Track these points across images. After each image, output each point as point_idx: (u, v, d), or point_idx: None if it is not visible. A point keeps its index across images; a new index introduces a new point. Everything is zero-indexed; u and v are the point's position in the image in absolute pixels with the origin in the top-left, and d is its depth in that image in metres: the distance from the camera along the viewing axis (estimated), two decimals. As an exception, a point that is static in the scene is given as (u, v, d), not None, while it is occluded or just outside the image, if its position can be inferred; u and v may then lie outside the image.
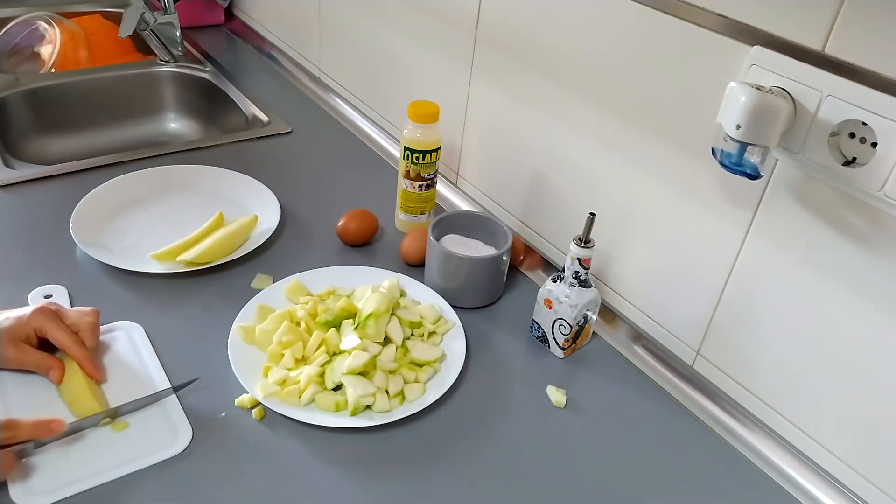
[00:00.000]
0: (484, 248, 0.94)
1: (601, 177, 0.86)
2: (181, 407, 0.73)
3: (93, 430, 0.69)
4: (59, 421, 0.66)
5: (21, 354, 0.72)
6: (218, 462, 0.68)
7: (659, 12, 0.73)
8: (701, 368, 0.82)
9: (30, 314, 0.73)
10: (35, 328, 0.73)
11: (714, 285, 0.77)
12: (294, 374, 0.76)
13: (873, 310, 0.64)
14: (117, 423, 0.70)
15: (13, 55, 1.49)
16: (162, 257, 0.90)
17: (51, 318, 0.73)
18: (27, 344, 0.73)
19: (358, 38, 1.27)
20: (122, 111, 1.43)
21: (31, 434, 0.65)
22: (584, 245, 0.79)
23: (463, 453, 0.72)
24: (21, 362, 0.73)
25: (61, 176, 1.07)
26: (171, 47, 1.44)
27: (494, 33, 0.95)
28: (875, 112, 0.57)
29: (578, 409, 0.78)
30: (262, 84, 1.44)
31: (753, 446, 0.75)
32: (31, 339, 0.73)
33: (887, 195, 0.58)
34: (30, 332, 0.73)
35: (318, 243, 1.00)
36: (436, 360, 0.80)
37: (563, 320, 0.82)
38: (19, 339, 0.73)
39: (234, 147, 1.21)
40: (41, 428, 0.66)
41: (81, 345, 0.74)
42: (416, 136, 0.95)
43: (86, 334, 0.75)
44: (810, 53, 0.61)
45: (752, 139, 0.61)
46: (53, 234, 0.95)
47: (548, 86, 0.89)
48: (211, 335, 0.82)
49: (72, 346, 0.73)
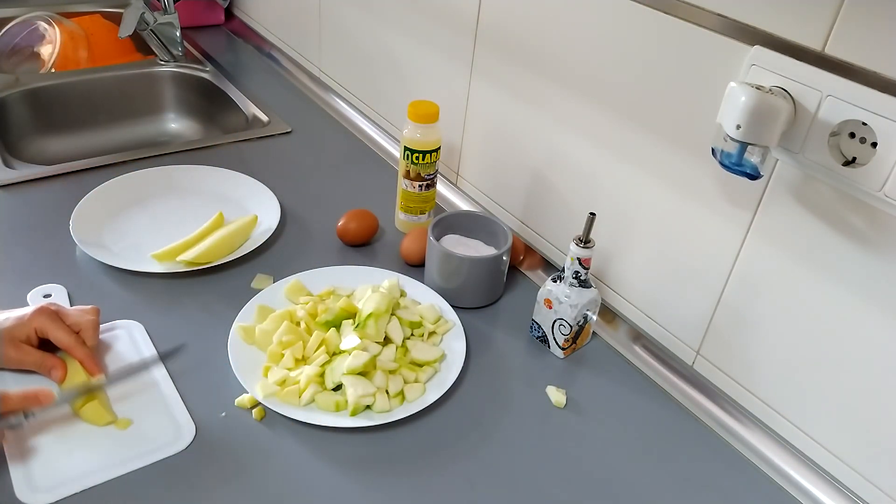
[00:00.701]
0: (484, 248, 0.94)
1: (601, 177, 0.86)
2: (184, 405, 0.73)
3: (96, 428, 0.69)
4: (48, 392, 0.68)
5: (22, 355, 0.72)
6: (218, 461, 0.68)
7: (659, 12, 0.73)
8: (701, 368, 0.82)
9: (30, 314, 0.73)
10: (36, 328, 0.73)
11: (714, 285, 0.77)
12: (294, 374, 0.76)
13: (873, 309, 0.64)
14: (121, 421, 0.70)
15: (13, 55, 1.49)
16: (162, 257, 0.90)
17: (51, 318, 0.73)
18: (28, 344, 0.73)
19: (358, 38, 1.27)
20: (122, 111, 1.43)
21: (20, 405, 0.66)
22: (584, 245, 0.79)
23: (463, 453, 0.72)
24: (22, 362, 0.73)
25: (61, 176, 1.07)
26: (171, 47, 1.44)
27: (494, 33, 0.95)
28: (875, 112, 0.57)
29: (578, 409, 0.78)
30: (262, 84, 1.44)
31: (753, 446, 0.75)
32: (31, 340, 0.73)
33: (887, 195, 0.58)
34: (30, 333, 0.73)
35: (318, 243, 1.00)
36: (436, 360, 0.80)
37: (563, 320, 0.82)
38: (20, 339, 0.73)
39: (234, 147, 1.21)
40: (30, 399, 0.67)
41: (83, 344, 0.74)
42: (416, 136, 0.95)
43: (87, 333, 0.75)
44: (810, 53, 0.61)
45: (752, 139, 0.61)
46: (53, 234, 0.95)
47: (548, 85, 0.90)
48: (211, 335, 0.82)
49: (73, 346, 0.73)
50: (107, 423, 0.69)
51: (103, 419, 0.69)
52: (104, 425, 0.69)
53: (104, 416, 0.69)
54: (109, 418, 0.69)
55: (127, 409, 0.72)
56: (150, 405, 0.72)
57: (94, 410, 0.69)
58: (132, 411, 0.71)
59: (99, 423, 0.69)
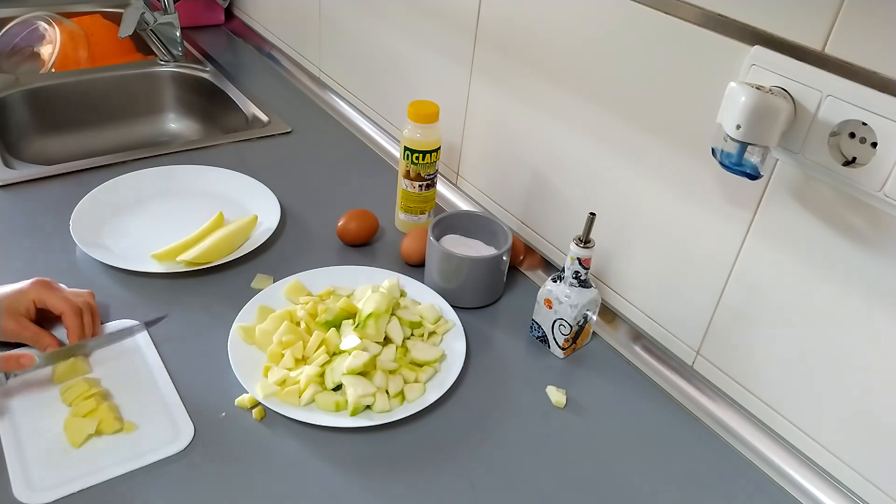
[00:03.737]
0: (484, 248, 0.94)
1: (601, 177, 0.86)
2: (183, 405, 0.73)
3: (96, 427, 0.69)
4: (29, 355, 0.70)
5: (20, 328, 0.74)
6: (218, 461, 0.68)
7: (659, 12, 0.73)
8: (701, 368, 0.82)
9: (28, 286, 0.76)
10: (34, 299, 0.75)
11: (714, 285, 0.77)
12: (294, 374, 0.76)
13: (873, 309, 0.64)
14: (127, 424, 0.70)
15: (13, 55, 1.49)
16: (162, 257, 0.90)
17: (48, 287, 0.76)
18: (26, 317, 0.75)
19: (358, 39, 1.27)
20: (122, 111, 1.43)
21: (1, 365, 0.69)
22: (584, 245, 0.79)
23: (463, 453, 0.72)
24: (19, 335, 0.75)
25: (61, 176, 1.07)
26: (171, 47, 1.44)
27: (494, 33, 0.95)
28: (875, 112, 0.57)
29: (578, 409, 0.78)
30: (262, 84, 1.44)
31: (753, 446, 0.75)
32: (30, 312, 0.76)
33: (887, 195, 0.58)
34: (29, 305, 0.75)
35: (318, 243, 1.00)
36: (436, 360, 0.80)
37: (563, 320, 0.82)
38: (19, 312, 0.75)
39: (234, 147, 1.21)
40: (11, 361, 0.69)
41: (78, 312, 0.76)
42: (416, 136, 0.95)
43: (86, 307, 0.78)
44: (810, 53, 0.61)
45: (752, 139, 0.61)
46: (53, 234, 0.95)
47: (548, 85, 0.90)
48: (211, 335, 0.82)
49: (70, 312, 0.75)
50: (115, 432, 0.69)
51: (112, 427, 0.69)
52: (113, 433, 0.69)
53: (112, 424, 0.69)
54: (117, 427, 0.69)
55: (127, 411, 0.72)
56: (149, 405, 0.72)
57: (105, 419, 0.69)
58: (132, 412, 0.71)
59: (107, 431, 0.69)
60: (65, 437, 0.68)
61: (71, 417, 0.69)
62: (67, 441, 0.67)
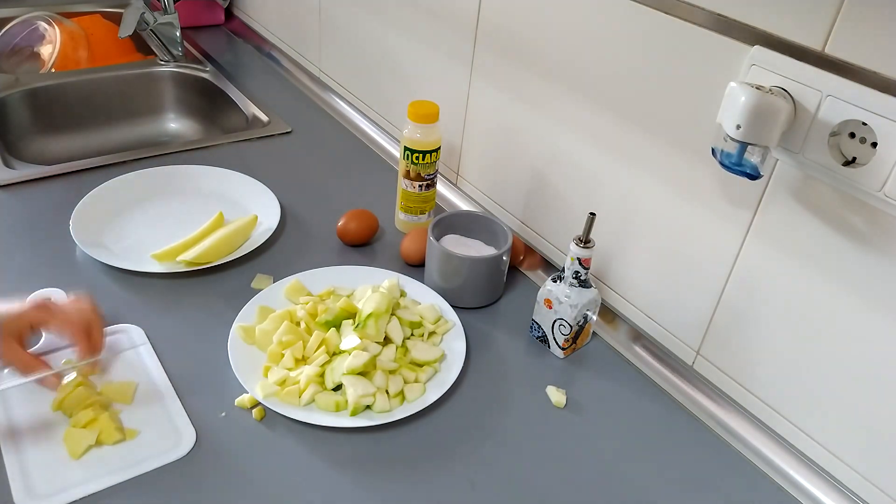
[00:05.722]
0: (484, 248, 0.94)
1: (601, 177, 0.86)
2: (184, 411, 0.72)
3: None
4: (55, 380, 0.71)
5: (10, 353, 0.70)
6: (218, 462, 0.68)
7: (659, 12, 0.73)
8: (701, 368, 0.82)
9: (25, 309, 0.72)
10: (31, 323, 0.71)
11: (714, 285, 0.77)
12: (294, 374, 0.76)
13: (873, 310, 0.64)
14: (129, 431, 0.69)
15: (13, 55, 1.49)
16: (162, 257, 0.90)
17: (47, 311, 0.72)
18: (20, 340, 0.71)
19: (358, 38, 1.27)
20: (122, 111, 1.43)
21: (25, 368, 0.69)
22: (584, 245, 0.79)
23: (463, 453, 0.72)
24: (10, 361, 0.71)
25: (61, 176, 1.07)
26: (171, 47, 1.44)
27: (494, 33, 0.95)
28: (875, 112, 0.57)
29: (578, 409, 0.78)
30: (262, 84, 1.44)
31: (753, 446, 0.75)
32: (22, 337, 0.71)
33: (887, 195, 0.58)
34: (23, 329, 0.71)
35: (318, 243, 1.00)
36: (436, 360, 0.80)
37: (563, 320, 0.82)
38: (11, 335, 0.70)
39: (234, 147, 1.21)
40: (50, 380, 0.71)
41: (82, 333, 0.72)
42: (416, 136, 0.95)
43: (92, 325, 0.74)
44: (810, 53, 0.61)
45: (752, 139, 0.61)
46: (53, 234, 0.95)
47: (548, 85, 0.89)
48: (211, 335, 0.82)
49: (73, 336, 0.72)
50: (117, 442, 0.68)
51: (112, 438, 0.68)
52: (114, 444, 0.68)
53: (113, 434, 0.68)
54: (118, 437, 0.68)
55: (128, 417, 0.71)
56: (149, 409, 0.72)
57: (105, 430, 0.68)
58: (133, 419, 0.71)
59: (108, 442, 0.68)
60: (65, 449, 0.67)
61: (70, 429, 0.68)
62: (67, 453, 0.67)
